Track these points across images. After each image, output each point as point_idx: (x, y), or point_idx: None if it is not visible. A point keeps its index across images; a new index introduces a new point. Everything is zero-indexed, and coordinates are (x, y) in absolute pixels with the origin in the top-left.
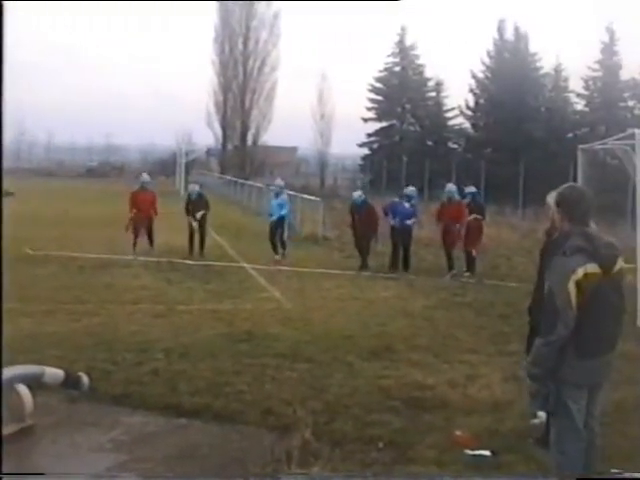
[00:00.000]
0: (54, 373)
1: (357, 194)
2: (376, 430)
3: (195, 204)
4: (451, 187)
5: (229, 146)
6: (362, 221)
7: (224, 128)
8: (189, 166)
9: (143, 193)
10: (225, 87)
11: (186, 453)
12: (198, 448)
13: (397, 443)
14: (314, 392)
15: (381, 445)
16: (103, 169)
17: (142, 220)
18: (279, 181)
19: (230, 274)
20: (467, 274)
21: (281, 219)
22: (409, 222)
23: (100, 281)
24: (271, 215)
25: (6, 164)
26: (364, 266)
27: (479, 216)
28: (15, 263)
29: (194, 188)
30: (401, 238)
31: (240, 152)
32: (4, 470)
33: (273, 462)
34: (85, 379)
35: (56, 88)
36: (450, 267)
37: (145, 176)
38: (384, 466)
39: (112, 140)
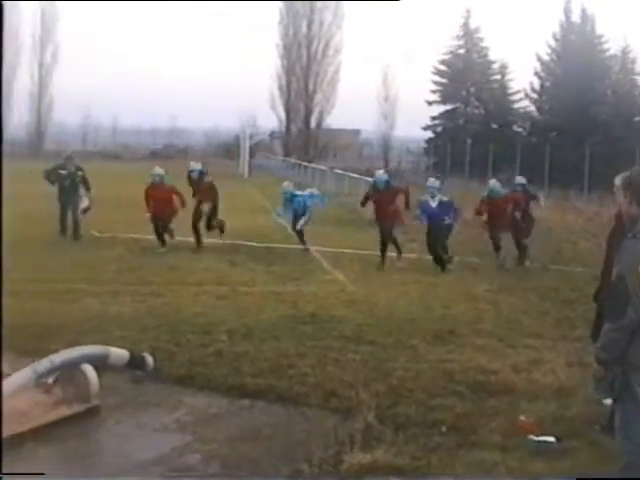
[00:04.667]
0: (119, 354)
1: (380, 173)
2: (439, 414)
3: (197, 187)
4: (494, 183)
5: (293, 129)
6: (382, 208)
7: (288, 111)
8: (253, 149)
9: (156, 189)
10: (289, 70)
11: (249, 434)
12: (261, 429)
13: (461, 427)
14: (377, 375)
15: (444, 429)
16: (167, 152)
17: (160, 219)
18: (285, 185)
19: (293, 256)
20: (521, 266)
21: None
22: (445, 220)
23: (164, 263)
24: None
25: (73, 147)
26: (382, 262)
27: (531, 203)
28: (82, 245)
29: (194, 166)
30: (434, 240)
31: (303, 135)
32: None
33: (336, 445)
34: (150, 360)
35: (121, 72)
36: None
37: (156, 169)
38: (447, 450)
39: (177, 123)
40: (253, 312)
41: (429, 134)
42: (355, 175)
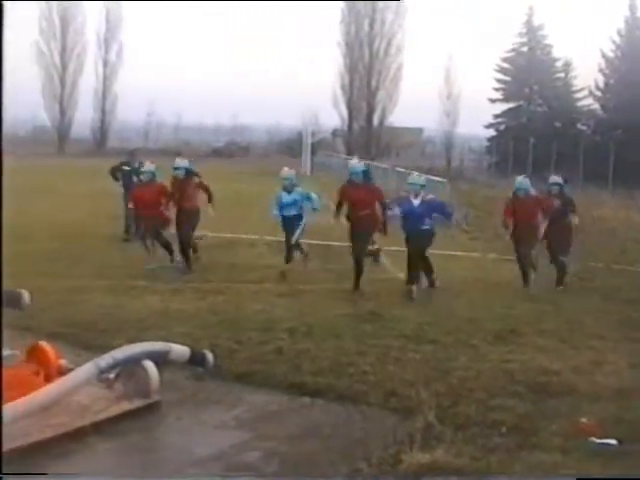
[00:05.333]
0: (180, 350)
1: (354, 161)
2: (500, 414)
3: (182, 189)
4: (522, 180)
5: (355, 127)
6: (356, 206)
7: (350, 109)
8: (315, 147)
9: (143, 187)
10: (351, 68)
11: (308, 432)
12: (320, 428)
13: (521, 428)
14: (438, 374)
15: (504, 430)
16: (229, 149)
17: (146, 220)
18: (286, 171)
19: None
20: (560, 288)
21: (292, 218)
22: (425, 226)
23: (225, 260)
24: (280, 214)
25: (135, 144)
26: (356, 286)
27: (568, 210)
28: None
29: (180, 163)
30: (414, 246)
31: (366, 133)
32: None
33: (395, 444)
34: (210, 357)
35: (184, 70)
36: (526, 281)
37: (146, 165)
38: (507, 451)
39: (239, 120)
40: (313, 310)
41: (492, 132)
42: (417, 173)
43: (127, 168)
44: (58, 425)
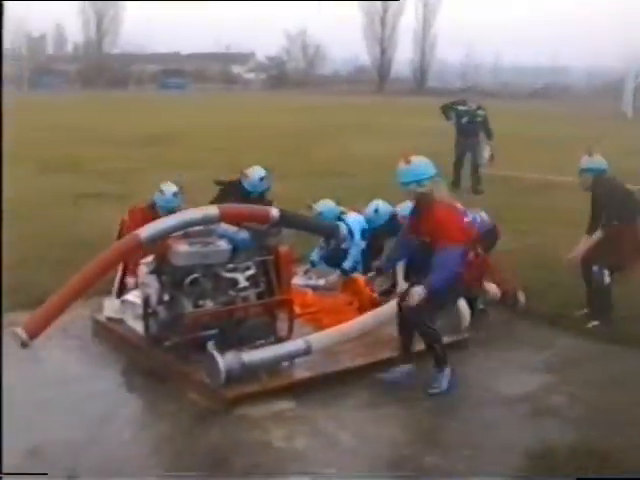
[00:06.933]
0: (492, 289)
1: (376, 205)
2: None
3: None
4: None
5: None
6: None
7: None
8: (638, 89)
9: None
10: None
11: (613, 380)
12: (628, 376)
13: None
14: None
15: None
16: (548, 91)
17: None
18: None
19: None
20: (592, 324)
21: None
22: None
23: (541, 202)
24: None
25: (453, 85)
26: None
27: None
28: None
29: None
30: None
31: None
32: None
33: None
34: (522, 297)
35: (503, 11)
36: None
37: (167, 188)
38: None
39: (558, 61)
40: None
41: None
42: None
43: (462, 108)
44: (367, 355)
